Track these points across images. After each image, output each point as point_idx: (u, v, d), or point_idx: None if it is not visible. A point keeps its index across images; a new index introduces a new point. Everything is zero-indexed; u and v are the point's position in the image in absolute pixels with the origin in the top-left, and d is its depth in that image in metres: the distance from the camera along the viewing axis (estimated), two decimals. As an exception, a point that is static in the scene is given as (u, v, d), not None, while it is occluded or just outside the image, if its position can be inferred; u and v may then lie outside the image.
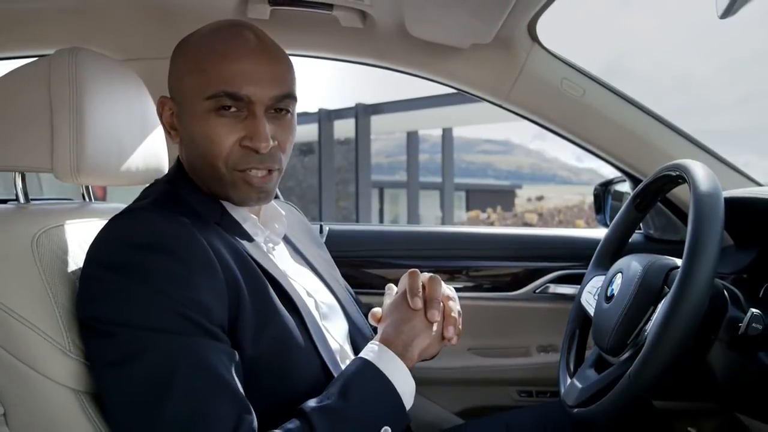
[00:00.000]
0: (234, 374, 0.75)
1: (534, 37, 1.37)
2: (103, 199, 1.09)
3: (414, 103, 12.03)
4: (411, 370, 0.83)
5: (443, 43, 1.35)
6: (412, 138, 14.33)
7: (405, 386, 0.81)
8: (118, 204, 1.13)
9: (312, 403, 0.78)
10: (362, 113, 12.54)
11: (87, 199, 1.14)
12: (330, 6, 1.24)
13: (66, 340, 0.80)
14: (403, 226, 2.07)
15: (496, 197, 20.79)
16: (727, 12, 0.72)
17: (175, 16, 1.32)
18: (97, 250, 0.80)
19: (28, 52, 1.36)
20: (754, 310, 0.87)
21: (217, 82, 0.82)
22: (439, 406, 1.51)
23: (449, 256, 1.56)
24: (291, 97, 0.87)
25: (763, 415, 0.99)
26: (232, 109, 0.83)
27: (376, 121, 12.76)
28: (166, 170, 1.06)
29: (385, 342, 0.83)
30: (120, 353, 0.73)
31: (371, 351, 0.84)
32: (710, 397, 1.29)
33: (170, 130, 0.92)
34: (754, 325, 0.86)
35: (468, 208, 19.69)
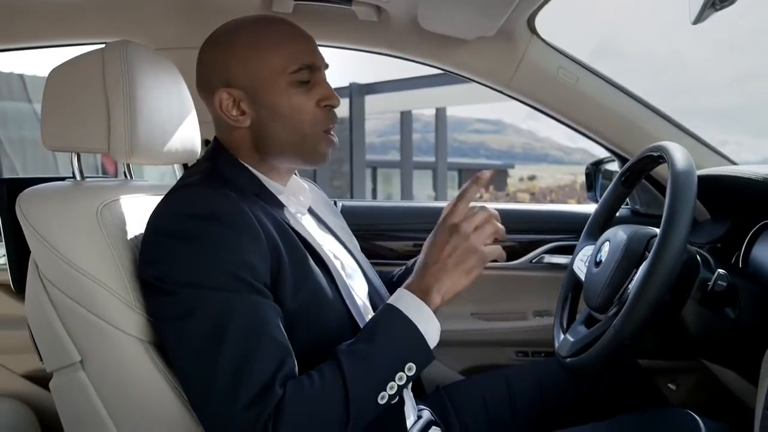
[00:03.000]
0: (277, 324, 0.85)
1: (533, 30, 1.45)
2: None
3: (408, 83, 11.90)
4: (436, 311, 0.88)
5: (451, 36, 1.43)
6: (406, 118, 14.12)
7: (428, 326, 0.87)
8: (154, 182, 1.23)
9: (343, 346, 0.86)
10: (356, 93, 12.43)
11: (128, 177, 1.23)
12: (349, 1, 1.33)
13: (131, 297, 0.90)
14: (410, 202, 2.14)
15: (489, 177, 20.67)
16: (698, 19, 0.80)
17: (204, 9, 1.40)
18: (158, 219, 0.89)
19: (72, 41, 1.45)
20: (720, 270, 0.96)
21: (297, 58, 0.95)
22: (444, 364, 1.60)
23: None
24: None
25: (727, 362, 1.10)
26: (305, 80, 0.96)
27: (370, 101, 12.68)
28: (198, 150, 1.15)
29: (408, 288, 0.90)
30: (181, 309, 0.83)
31: (397, 297, 0.90)
32: (686, 354, 1.40)
33: (237, 117, 0.96)
34: (719, 282, 0.95)
35: (460, 188, 19.55)
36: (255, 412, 0.78)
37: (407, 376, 0.85)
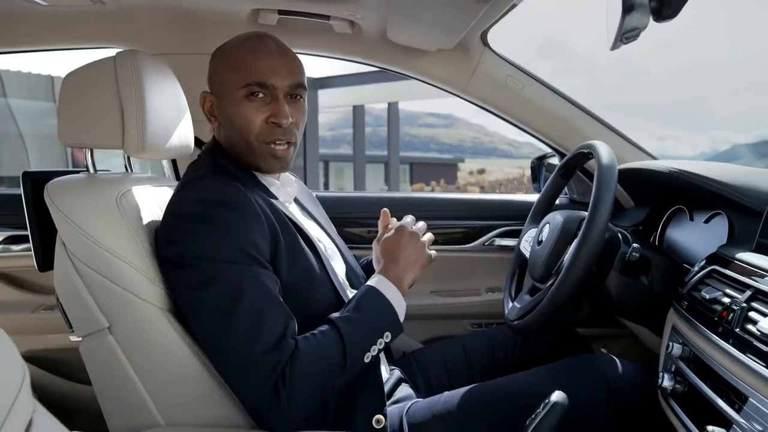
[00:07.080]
0: (279, 292, 0.98)
1: (486, 44, 1.62)
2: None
3: (360, 77, 11.71)
4: (405, 295, 1.09)
5: (415, 47, 1.59)
6: (359, 112, 14.03)
7: (399, 306, 1.07)
8: (151, 174, 1.34)
9: (336, 315, 1.01)
10: (309, 87, 12.29)
11: (129, 171, 1.33)
12: (327, 16, 1.47)
13: (151, 272, 1.01)
14: (376, 193, 2.27)
15: (440, 170, 20.59)
16: (613, 47, 0.91)
17: (196, 19, 1.51)
18: (177, 206, 1.02)
19: (72, 45, 1.55)
20: (635, 244, 1.12)
21: (249, 75, 1.06)
22: (408, 335, 1.74)
23: (415, 217, 1.79)
24: (302, 86, 1.12)
25: (642, 320, 1.27)
26: (260, 95, 1.07)
27: (323, 95, 12.59)
28: (191, 146, 1.26)
29: (385, 275, 1.09)
30: (200, 278, 0.95)
31: (375, 280, 1.08)
32: (612, 317, 1.57)
33: (210, 117, 1.13)
34: (633, 254, 1.11)
35: (412, 182, 19.62)
36: (273, 358, 0.91)
37: (384, 342, 1.03)
